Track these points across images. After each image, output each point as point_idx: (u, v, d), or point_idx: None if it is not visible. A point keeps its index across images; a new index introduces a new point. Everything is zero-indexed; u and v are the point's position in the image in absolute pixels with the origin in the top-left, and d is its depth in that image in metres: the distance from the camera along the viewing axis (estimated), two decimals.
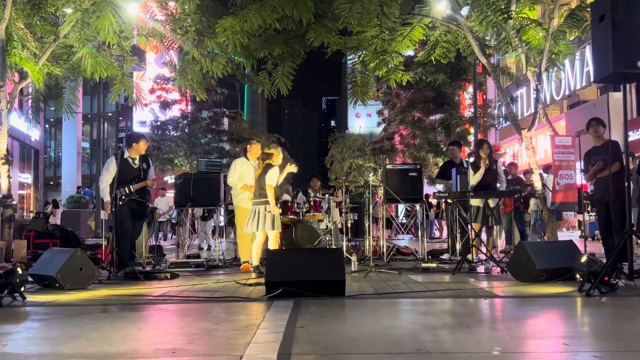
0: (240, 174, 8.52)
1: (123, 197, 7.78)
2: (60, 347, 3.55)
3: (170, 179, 25.97)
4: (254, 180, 8.03)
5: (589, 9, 9.77)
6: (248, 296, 5.54)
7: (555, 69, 11.92)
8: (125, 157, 7.99)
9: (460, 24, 10.68)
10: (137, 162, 8.05)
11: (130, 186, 7.84)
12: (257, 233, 7.73)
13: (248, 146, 8.91)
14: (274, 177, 7.71)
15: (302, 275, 5.41)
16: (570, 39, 12.28)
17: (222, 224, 12.10)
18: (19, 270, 5.41)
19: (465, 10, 10.97)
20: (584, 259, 5.70)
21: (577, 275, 5.86)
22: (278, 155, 7.99)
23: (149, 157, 8.50)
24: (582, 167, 7.98)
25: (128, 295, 5.80)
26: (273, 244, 7.69)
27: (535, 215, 13.25)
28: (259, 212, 7.65)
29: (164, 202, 15.54)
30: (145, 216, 8.48)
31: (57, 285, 6.16)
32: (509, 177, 12.41)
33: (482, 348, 3.37)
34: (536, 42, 10.31)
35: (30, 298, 5.52)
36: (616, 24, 5.53)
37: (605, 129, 7.38)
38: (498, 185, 8.91)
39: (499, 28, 10.34)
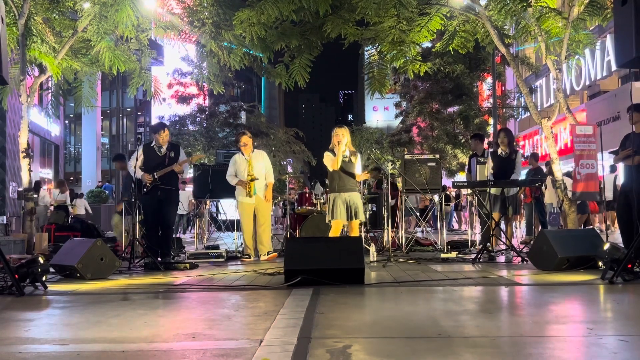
0: (237, 171, 8.65)
1: (147, 184, 7.83)
2: (81, 332, 3.57)
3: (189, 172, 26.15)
4: (246, 173, 8.40)
5: None
6: (267, 284, 5.54)
7: (576, 57, 11.76)
8: (152, 145, 8.11)
9: (479, 13, 10.57)
10: (163, 150, 8.07)
11: (154, 173, 7.87)
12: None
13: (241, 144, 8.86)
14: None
15: (321, 264, 5.40)
16: (591, 28, 12.12)
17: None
18: (41, 260, 5.46)
19: (483, 0, 10.86)
20: (606, 246, 5.63)
21: (600, 263, 5.78)
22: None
23: (179, 147, 8.46)
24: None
25: (148, 285, 5.84)
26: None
27: (550, 208, 13.13)
28: None
29: (184, 196, 15.58)
30: (175, 203, 8.31)
31: (78, 275, 6.21)
32: (529, 167, 12.29)
33: (503, 332, 3.34)
34: (556, 30, 10.19)
35: (52, 287, 5.57)
36: (639, 8, 5.42)
37: None
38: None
39: (518, 17, 10.23)
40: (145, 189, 7.88)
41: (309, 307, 4.12)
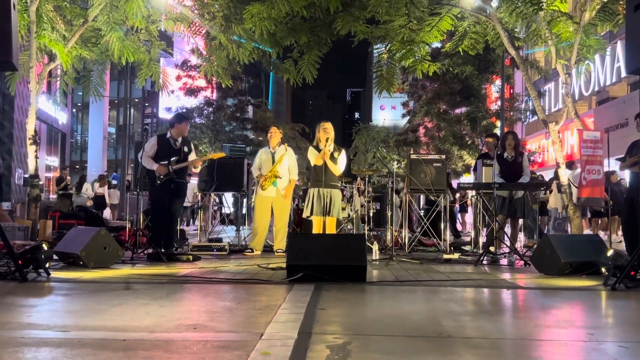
0: (261, 163, 8.73)
1: (161, 176, 7.85)
2: (83, 319, 3.59)
3: None
4: (269, 167, 8.49)
5: (622, 2, 9.57)
6: (269, 279, 5.55)
7: (586, 62, 11.72)
8: (167, 137, 8.13)
9: (490, 14, 10.54)
10: (178, 143, 8.11)
11: (170, 167, 7.90)
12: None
13: (268, 135, 9.04)
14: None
15: (323, 260, 5.41)
16: (602, 34, 12.06)
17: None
18: (44, 247, 5.48)
19: (495, 2, 10.83)
20: (610, 252, 5.61)
21: (603, 269, 5.76)
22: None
23: (190, 141, 8.55)
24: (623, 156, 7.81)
25: (151, 275, 5.86)
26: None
27: (555, 214, 13.08)
28: None
29: (189, 189, 15.58)
30: (184, 196, 8.41)
31: (81, 263, 6.24)
32: None
33: (504, 334, 3.34)
34: (567, 35, 10.15)
35: (55, 274, 5.60)
36: None
37: None
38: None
39: (529, 20, 10.20)
40: (159, 181, 7.87)
41: (310, 303, 4.12)
